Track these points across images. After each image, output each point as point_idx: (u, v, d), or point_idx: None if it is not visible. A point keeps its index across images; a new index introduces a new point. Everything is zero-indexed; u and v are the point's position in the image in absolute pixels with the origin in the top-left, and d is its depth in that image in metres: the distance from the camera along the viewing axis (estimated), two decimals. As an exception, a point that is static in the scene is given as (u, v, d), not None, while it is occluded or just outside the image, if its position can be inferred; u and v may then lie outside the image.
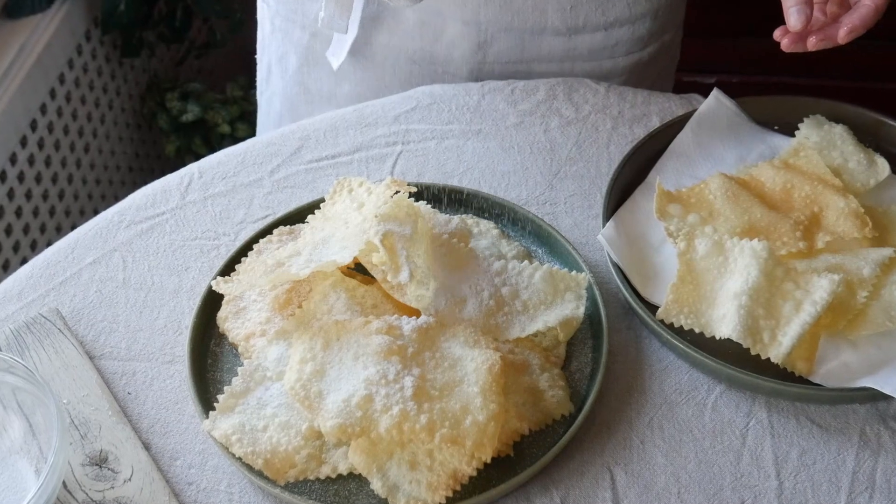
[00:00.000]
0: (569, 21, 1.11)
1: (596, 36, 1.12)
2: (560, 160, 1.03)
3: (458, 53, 1.13)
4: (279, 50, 1.24)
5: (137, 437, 0.82)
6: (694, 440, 0.81)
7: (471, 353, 0.79)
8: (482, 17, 1.10)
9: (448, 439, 0.75)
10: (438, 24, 1.12)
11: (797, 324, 0.81)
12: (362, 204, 0.88)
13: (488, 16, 1.10)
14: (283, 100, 1.27)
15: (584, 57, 1.14)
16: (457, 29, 1.12)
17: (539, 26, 1.11)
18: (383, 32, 1.14)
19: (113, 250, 0.96)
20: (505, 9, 1.09)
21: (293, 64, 1.23)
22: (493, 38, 1.12)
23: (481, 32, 1.11)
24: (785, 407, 0.83)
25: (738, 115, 1.02)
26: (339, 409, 0.75)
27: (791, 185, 0.93)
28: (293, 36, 1.21)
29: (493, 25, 1.11)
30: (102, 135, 1.88)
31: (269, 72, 1.27)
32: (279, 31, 1.22)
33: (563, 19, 1.11)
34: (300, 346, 0.80)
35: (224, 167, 1.03)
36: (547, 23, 1.11)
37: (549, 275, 0.86)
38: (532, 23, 1.11)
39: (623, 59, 1.15)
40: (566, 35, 1.12)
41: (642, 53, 1.16)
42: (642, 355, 0.87)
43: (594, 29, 1.12)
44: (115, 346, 0.89)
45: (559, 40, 1.12)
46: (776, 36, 0.90)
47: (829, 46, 0.89)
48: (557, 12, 1.10)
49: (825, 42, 0.88)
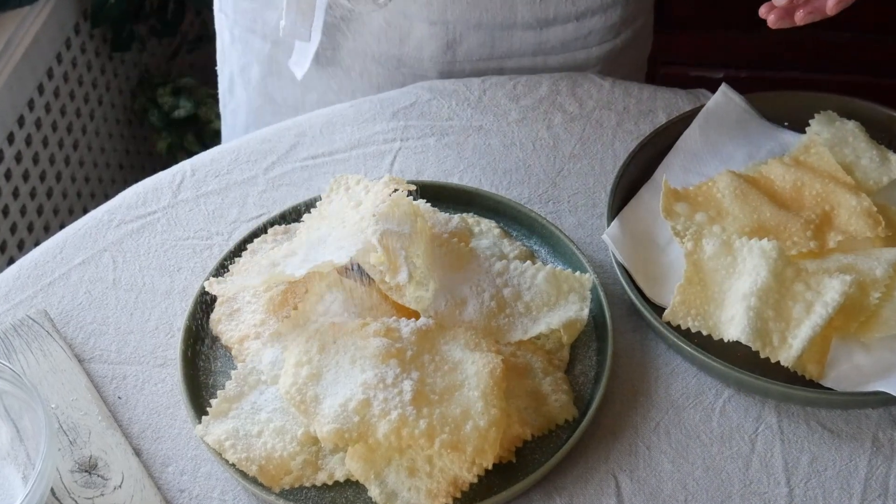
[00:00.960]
0: (539, 14, 1.11)
1: (567, 27, 1.13)
2: (563, 157, 1.03)
3: (427, 54, 1.13)
4: (241, 61, 1.24)
5: (128, 442, 0.82)
6: (701, 446, 0.81)
7: (471, 356, 0.79)
8: (449, 16, 1.10)
9: (448, 445, 0.75)
10: (405, 25, 1.12)
11: (808, 326, 0.81)
12: (360, 202, 0.88)
13: (455, 14, 1.10)
14: (249, 111, 1.27)
15: (556, 50, 1.14)
16: (424, 29, 1.12)
17: (509, 21, 1.11)
18: (348, 37, 1.14)
19: (103, 250, 0.96)
20: (473, 6, 1.09)
21: (256, 74, 1.23)
22: (461, 37, 1.12)
23: (449, 31, 1.11)
24: (795, 412, 0.83)
25: (747, 110, 1.02)
26: (336, 414, 0.75)
27: (801, 183, 0.93)
28: (254, 46, 1.21)
29: (461, 24, 1.11)
30: (92, 131, 1.88)
31: (231, 83, 1.27)
32: (239, 41, 1.22)
33: (533, 13, 1.11)
34: (296, 348, 0.80)
35: (217, 164, 1.04)
36: (517, 17, 1.11)
37: (552, 275, 0.86)
38: (501, 18, 1.11)
39: (597, 49, 1.16)
40: (537, 29, 1.12)
41: (616, 42, 1.17)
42: (648, 358, 0.87)
43: (565, 20, 1.12)
44: (105, 349, 0.89)
45: (530, 34, 1.12)
46: (762, 13, 0.90)
47: (817, 19, 0.88)
48: (527, 6, 1.10)
49: (813, 15, 0.88)
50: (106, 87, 1.92)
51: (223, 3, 1.21)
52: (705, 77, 1.74)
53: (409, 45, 1.13)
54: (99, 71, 1.89)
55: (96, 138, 1.90)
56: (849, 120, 0.99)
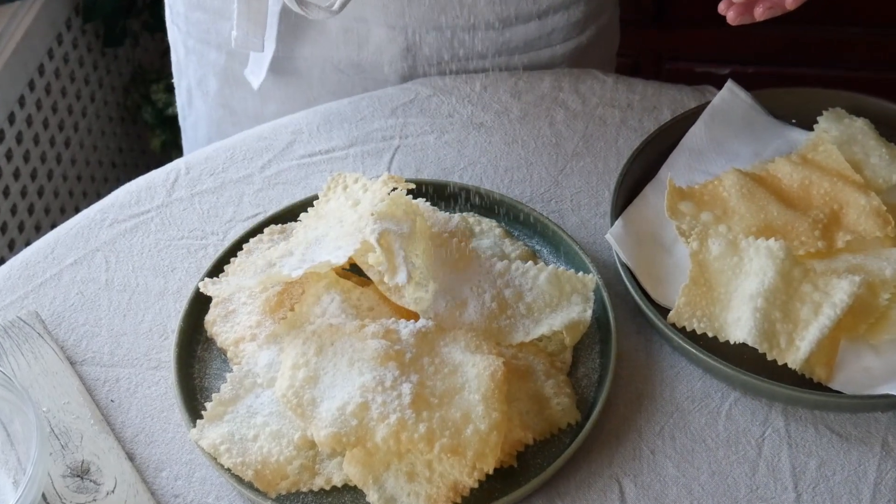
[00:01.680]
0: (500, 13, 1.11)
1: (530, 26, 1.13)
2: (566, 155, 1.03)
3: (387, 59, 1.13)
4: (197, 73, 1.23)
5: (121, 446, 0.82)
6: (707, 450, 0.81)
7: (472, 358, 0.79)
8: (408, 19, 1.10)
9: (448, 449, 0.75)
10: (362, 30, 1.12)
11: (816, 328, 0.81)
12: (358, 201, 0.88)
13: (414, 17, 1.10)
14: (209, 123, 1.26)
15: (519, 49, 1.14)
16: (382, 33, 1.11)
17: (469, 22, 1.11)
18: (305, 44, 1.13)
19: (95, 250, 0.96)
20: (431, 8, 1.09)
21: (214, 86, 1.23)
22: (421, 40, 1.11)
23: (408, 35, 1.11)
24: (803, 415, 0.83)
25: (754, 107, 1.02)
26: (334, 418, 0.76)
27: (809, 182, 0.93)
28: (209, 57, 1.20)
29: (421, 26, 1.10)
30: (84, 128, 1.88)
31: (189, 95, 1.27)
32: (194, 53, 1.22)
33: (494, 12, 1.10)
34: (292, 351, 0.80)
35: (212, 163, 1.04)
36: (477, 18, 1.10)
37: (554, 276, 0.86)
38: (462, 20, 1.10)
39: (561, 47, 1.16)
40: (498, 29, 1.12)
41: (581, 38, 1.17)
42: (653, 361, 0.87)
43: (527, 19, 1.12)
44: (98, 352, 0.89)
45: (492, 35, 1.12)
46: (721, 9, 0.90)
47: (778, 14, 0.88)
48: (487, 6, 1.10)
49: (773, 10, 0.88)
50: (98, 84, 1.92)
51: (174, 15, 1.21)
52: (711, 73, 1.75)
53: (367, 50, 1.13)
54: (91, 67, 1.89)
55: (88, 136, 1.90)
56: (858, 117, 0.99)
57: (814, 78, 1.71)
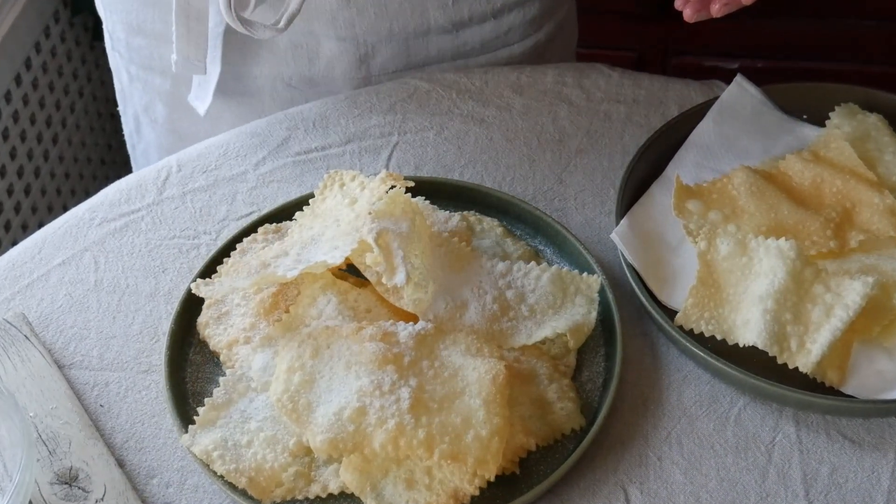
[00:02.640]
0: (453, 16, 1.10)
1: (485, 27, 1.13)
2: (570, 152, 1.03)
3: (339, 71, 1.13)
4: (143, 99, 1.23)
5: (111, 453, 0.82)
6: (715, 456, 0.81)
7: (473, 361, 0.79)
8: (358, 30, 1.10)
9: (448, 456, 0.75)
10: (312, 44, 1.11)
11: (828, 330, 0.81)
12: (355, 200, 0.88)
13: (364, 27, 1.09)
14: (160, 150, 1.26)
15: (476, 51, 1.14)
16: (333, 46, 1.11)
17: (422, 28, 1.11)
18: (253, 63, 1.13)
19: (84, 250, 0.96)
20: (381, 17, 1.09)
21: (161, 112, 1.22)
22: (374, 50, 1.11)
23: (360, 46, 1.11)
24: (814, 420, 0.83)
25: (764, 103, 1.02)
26: (330, 423, 0.76)
27: (821, 180, 0.93)
28: (154, 83, 1.20)
29: (373, 36, 1.10)
30: (73, 124, 1.88)
31: (137, 123, 1.26)
32: (138, 80, 1.21)
33: (447, 16, 1.10)
34: (287, 354, 0.80)
35: (205, 160, 1.04)
36: (430, 23, 1.10)
37: (557, 277, 0.86)
38: (414, 26, 1.10)
39: (519, 46, 1.16)
40: (452, 32, 1.12)
41: (538, 36, 1.16)
42: (659, 364, 0.87)
43: (481, 19, 1.12)
44: (87, 355, 0.89)
45: (446, 38, 1.12)
46: (677, 5, 0.90)
47: (734, 10, 0.88)
48: (439, 10, 1.09)
49: (729, 6, 0.88)
50: (87, 78, 1.92)
51: (115, 41, 1.20)
52: (719, 67, 1.75)
53: (319, 64, 1.12)
54: (79, 61, 1.89)
55: (77, 132, 1.90)
56: (871, 112, 0.99)
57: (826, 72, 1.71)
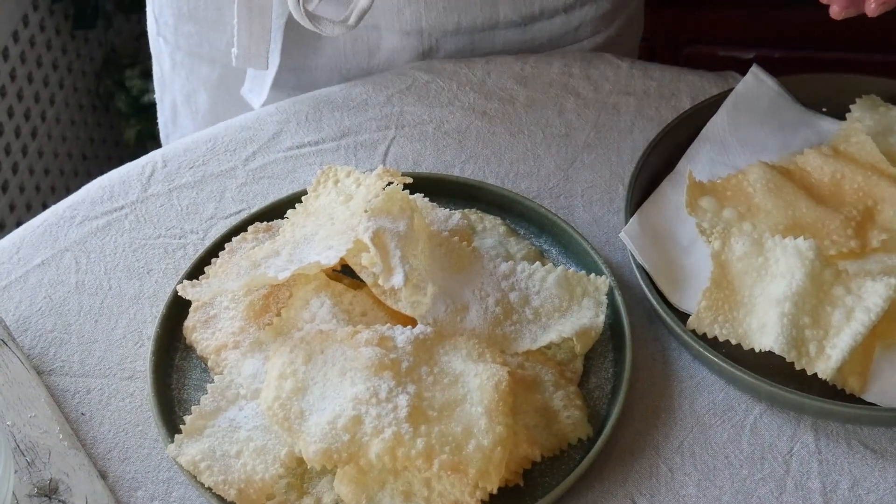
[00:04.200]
0: (523, 10, 1.11)
1: (555, 21, 1.13)
2: (577, 147, 1.03)
3: (399, 65, 1.13)
4: (185, 88, 1.23)
5: (92, 464, 0.82)
6: (730, 467, 0.81)
7: (474, 367, 0.79)
8: (424, 24, 1.10)
9: (448, 467, 0.75)
10: (373, 38, 1.12)
11: (848, 334, 0.81)
12: (350, 197, 0.88)
13: (431, 21, 1.10)
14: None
15: (544, 46, 1.14)
16: (395, 41, 1.11)
17: (490, 22, 1.11)
18: (311, 56, 1.13)
19: (64, 250, 0.96)
20: (450, 10, 1.09)
21: (204, 102, 1.22)
22: (438, 44, 1.12)
23: (424, 40, 1.11)
24: (834, 430, 0.83)
25: (781, 95, 1.02)
26: (324, 432, 0.76)
27: (841, 176, 0.93)
28: (200, 72, 1.20)
29: (438, 30, 1.11)
30: (52, 118, 1.88)
31: (174, 113, 1.26)
32: (182, 67, 1.21)
33: (517, 9, 1.10)
34: (278, 359, 0.80)
35: (191, 155, 1.04)
36: (499, 17, 1.11)
37: (563, 278, 0.86)
38: (482, 20, 1.10)
39: (588, 42, 1.16)
40: (521, 26, 1.12)
41: (609, 31, 1.17)
42: (671, 370, 0.87)
43: (552, 14, 1.12)
44: (67, 360, 0.89)
45: (514, 33, 1.12)
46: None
47: (890, 8, 0.87)
48: (509, 4, 1.10)
49: (886, 5, 0.86)
50: (68, 69, 1.93)
51: (161, 27, 1.20)
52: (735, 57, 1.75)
53: (379, 57, 1.13)
54: (60, 51, 1.89)
55: (57, 125, 1.90)
56: (894, 105, 0.99)
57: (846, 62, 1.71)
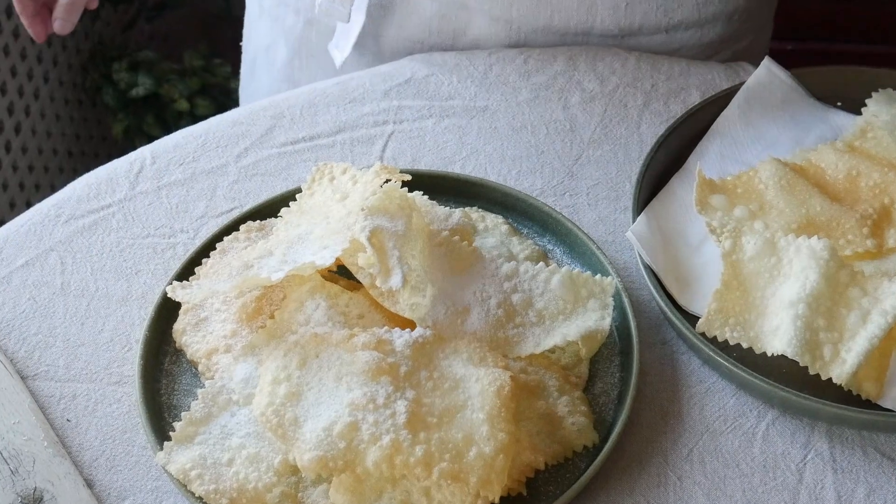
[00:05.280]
0: (622, 21, 1.10)
1: (654, 39, 1.12)
2: (582, 142, 1.03)
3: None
4: (267, 38, 1.24)
5: (78, 472, 0.82)
6: (741, 476, 0.81)
7: (475, 372, 0.79)
8: (515, 13, 1.10)
9: (448, 475, 0.75)
10: (462, 17, 1.12)
11: (864, 338, 0.81)
12: (346, 195, 0.88)
13: (522, 11, 1.10)
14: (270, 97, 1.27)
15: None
16: (483, 25, 1.11)
17: (585, 27, 1.10)
18: (392, 24, 1.14)
19: (49, 250, 0.96)
20: (543, 4, 1.09)
21: (282, 56, 1.23)
22: (526, 39, 1.11)
23: (512, 31, 1.11)
24: (849, 437, 0.83)
25: (794, 88, 1.02)
26: (319, 440, 0.76)
27: (857, 173, 0.93)
28: (285, 22, 1.21)
29: (528, 24, 1.10)
30: (37, 112, 1.88)
31: (253, 65, 1.27)
32: (268, 15, 1.22)
33: (615, 19, 1.10)
34: (272, 364, 0.80)
35: (181, 151, 1.04)
36: (595, 22, 1.10)
37: (568, 279, 0.86)
38: (576, 22, 1.10)
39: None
40: (617, 37, 1.11)
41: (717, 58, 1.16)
42: (679, 375, 0.87)
43: (652, 31, 1.12)
44: (52, 364, 0.89)
45: (608, 42, 1.12)
46: None
47: None
48: (609, 10, 1.09)
49: None
50: (53, 62, 1.92)
51: None
52: (746, 50, 1.74)
53: (463, 41, 1.13)
54: (44, 43, 1.89)
55: (42, 121, 1.90)
56: (912, 99, 0.99)
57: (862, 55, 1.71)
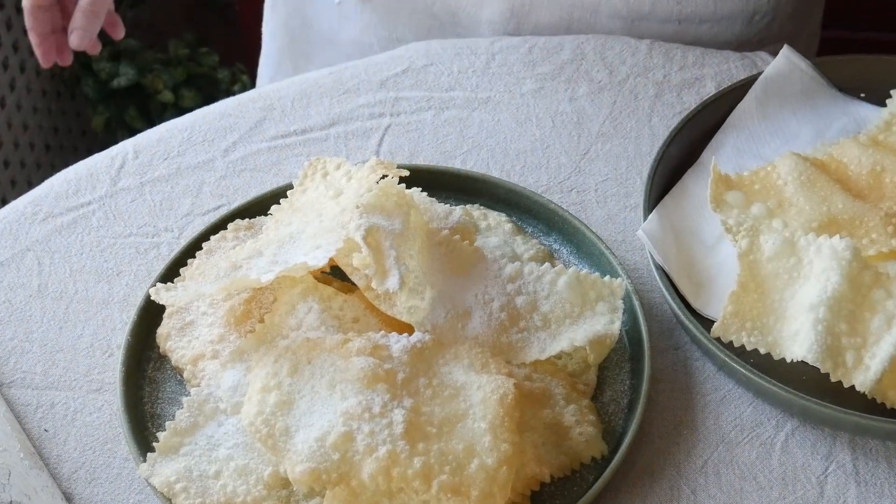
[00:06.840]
0: (632, 3, 1.11)
1: (666, 28, 1.13)
2: (590, 136, 1.03)
3: (487, 14, 1.14)
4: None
5: (56, 485, 0.82)
6: (759, 490, 0.81)
7: (477, 379, 0.79)
8: None
9: (449, 488, 0.75)
10: None
11: (889, 342, 0.81)
12: (340, 191, 0.88)
13: None
14: (285, 34, 1.29)
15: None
16: None
17: (592, 2, 1.11)
18: None
19: (25, 250, 0.96)
20: None
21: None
22: (531, 5, 1.11)
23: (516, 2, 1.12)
24: (873, 448, 0.83)
25: (815, 79, 1.02)
26: (311, 451, 0.76)
27: (881, 168, 0.93)
28: None
29: None
30: (12, 104, 1.88)
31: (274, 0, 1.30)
32: None
33: (626, 1, 1.11)
34: (262, 370, 0.80)
35: (165, 145, 1.04)
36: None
37: (575, 281, 0.86)
38: None
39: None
40: (626, 20, 1.12)
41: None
42: (693, 382, 0.87)
43: (664, 19, 1.12)
44: (29, 371, 0.89)
45: (616, 22, 1.12)
46: None
47: None
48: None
49: None
50: (29, 51, 1.92)
51: None
52: (763, 38, 1.74)
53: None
54: (20, 31, 1.89)
55: (17, 113, 1.90)
56: (939, 90, 0.99)
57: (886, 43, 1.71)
